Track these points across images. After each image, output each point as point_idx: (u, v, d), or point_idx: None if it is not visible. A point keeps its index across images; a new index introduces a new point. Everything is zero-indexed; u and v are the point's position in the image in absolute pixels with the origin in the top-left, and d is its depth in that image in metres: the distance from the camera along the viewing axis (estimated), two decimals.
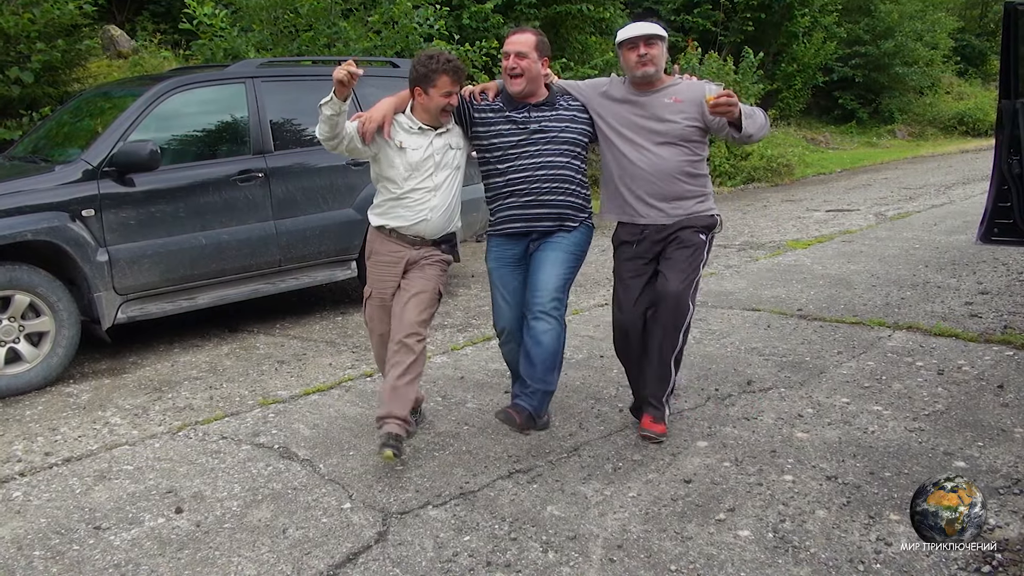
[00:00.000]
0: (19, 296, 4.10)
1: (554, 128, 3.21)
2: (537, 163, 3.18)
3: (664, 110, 3.14)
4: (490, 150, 3.24)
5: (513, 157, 3.20)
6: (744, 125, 3.04)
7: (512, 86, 3.17)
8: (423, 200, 3.13)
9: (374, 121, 3.06)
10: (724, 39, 15.77)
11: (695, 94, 3.14)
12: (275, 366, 4.45)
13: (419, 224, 3.15)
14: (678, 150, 3.15)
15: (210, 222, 4.70)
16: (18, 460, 3.34)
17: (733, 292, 5.70)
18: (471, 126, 3.25)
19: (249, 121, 4.96)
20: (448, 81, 3.03)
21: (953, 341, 4.41)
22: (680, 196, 3.18)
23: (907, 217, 8.62)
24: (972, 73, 23.16)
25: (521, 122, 3.20)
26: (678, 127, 3.13)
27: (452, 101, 3.08)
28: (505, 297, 3.32)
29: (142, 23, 10.47)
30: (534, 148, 3.18)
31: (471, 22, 10.40)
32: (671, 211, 3.18)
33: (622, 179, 3.22)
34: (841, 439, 3.24)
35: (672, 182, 3.16)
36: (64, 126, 5.21)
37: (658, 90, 3.18)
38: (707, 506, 2.76)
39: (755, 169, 12.31)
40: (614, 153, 3.23)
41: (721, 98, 2.91)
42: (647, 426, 3.25)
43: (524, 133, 3.19)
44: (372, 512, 2.79)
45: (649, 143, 3.15)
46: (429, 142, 3.12)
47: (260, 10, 7.89)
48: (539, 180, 3.18)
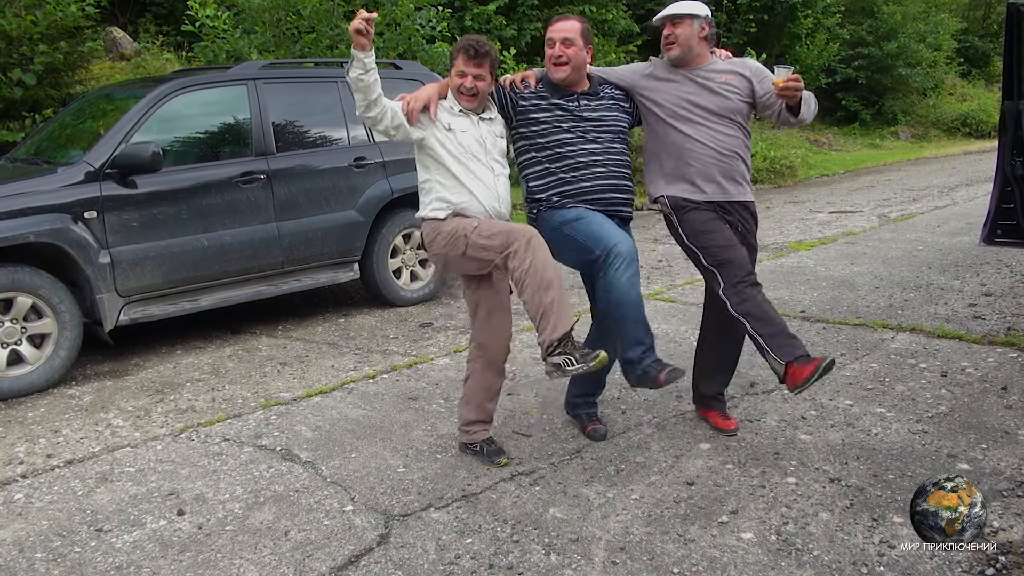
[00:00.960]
0: (21, 298, 4.10)
1: (607, 116, 3.15)
2: (598, 149, 3.09)
3: (717, 85, 3.12)
4: (543, 136, 3.11)
5: (572, 144, 3.08)
6: (801, 111, 3.04)
7: (557, 73, 3.08)
8: (490, 183, 2.98)
9: (419, 100, 2.96)
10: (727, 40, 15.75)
11: (744, 71, 3.15)
12: (277, 368, 4.45)
13: (491, 209, 2.98)
14: (734, 127, 3.14)
15: (212, 224, 4.70)
16: (20, 462, 3.34)
17: None
18: (516, 115, 3.13)
19: (251, 123, 4.97)
20: (463, 60, 2.93)
21: (956, 343, 4.40)
22: (737, 175, 3.16)
23: (910, 219, 8.60)
24: (975, 74, 23.13)
25: (574, 110, 3.11)
26: (733, 104, 3.12)
27: (465, 82, 2.94)
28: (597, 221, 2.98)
29: (144, 25, 10.50)
30: (594, 134, 3.10)
31: (473, 24, 10.41)
32: (734, 189, 3.16)
33: (679, 158, 3.13)
34: (844, 441, 3.23)
35: (731, 159, 3.14)
36: (66, 128, 5.22)
37: (704, 67, 3.15)
38: (710, 508, 2.75)
39: (758, 171, 12.29)
40: (668, 133, 3.15)
41: (790, 82, 2.91)
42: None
43: (577, 120, 3.10)
44: (374, 514, 2.79)
45: (706, 120, 3.11)
46: (475, 125, 3.02)
47: (262, 12, 7.91)
48: (604, 166, 3.09)
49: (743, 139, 3.18)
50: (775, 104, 3.10)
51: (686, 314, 5.19)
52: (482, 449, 3.17)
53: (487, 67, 2.96)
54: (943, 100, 20.83)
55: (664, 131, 3.17)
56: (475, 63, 2.94)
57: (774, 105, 3.11)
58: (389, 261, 5.53)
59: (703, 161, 3.11)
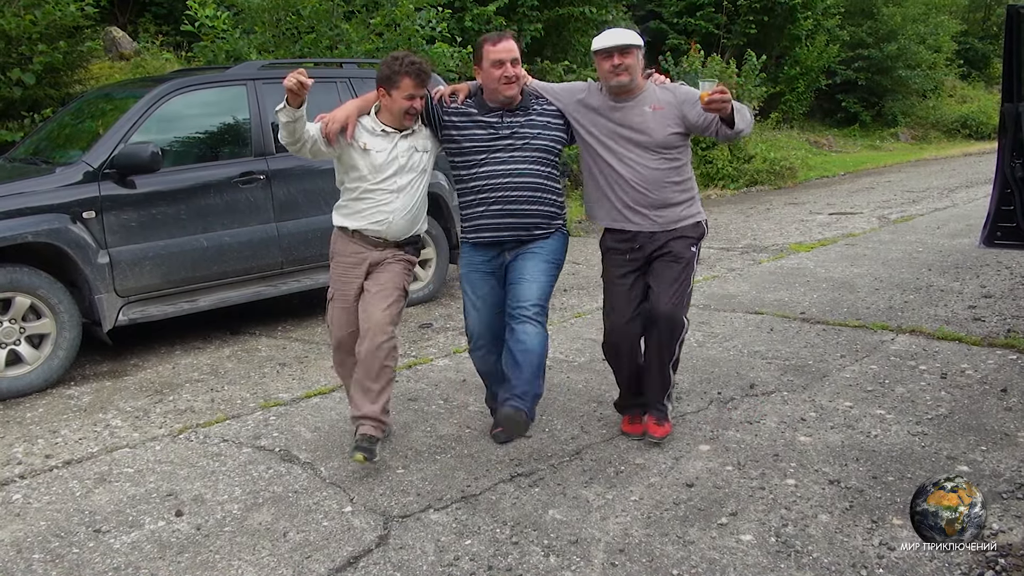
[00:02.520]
0: (20, 298, 4.09)
1: (527, 134, 3.13)
2: (507, 170, 3.10)
3: (645, 119, 3.10)
4: (460, 154, 3.16)
5: (482, 163, 3.12)
6: (736, 121, 3.00)
7: (507, 91, 3.07)
8: (385, 202, 3.10)
9: (337, 122, 3.02)
10: (727, 42, 15.76)
11: (675, 99, 3.12)
12: (276, 369, 4.44)
13: (381, 226, 3.12)
14: (661, 158, 3.11)
15: (211, 224, 4.69)
16: (18, 463, 3.33)
17: (736, 295, 5.69)
18: (441, 129, 3.17)
19: (251, 123, 4.96)
20: (411, 83, 2.98)
21: (956, 345, 4.39)
22: (667, 203, 3.14)
23: (910, 220, 8.60)
24: (975, 76, 23.13)
25: (494, 127, 3.11)
26: (660, 135, 3.09)
27: (415, 104, 3.02)
28: (475, 303, 3.25)
29: (144, 25, 10.49)
30: (505, 155, 3.11)
31: (473, 24, 10.40)
32: (659, 218, 3.15)
33: (608, 187, 3.18)
34: (844, 443, 3.23)
35: (658, 189, 3.12)
36: (65, 128, 5.21)
37: (636, 97, 3.12)
38: (709, 510, 2.75)
39: (758, 172, 12.30)
40: (597, 162, 3.18)
41: (715, 95, 2.86)
42: (652, 430, 3.26)
43: (495, 139, 3.11)
44: (373, 516, 2.78)
45: (632, 153, 3.11)
46: (393, 144, 3.09)
47: (262, 12, 7.89)
48: (508, 188, 3.11)
49: (674, 170, 3.14)
50: (711, 123, 3.05)
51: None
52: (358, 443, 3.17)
53: (427, 87, 3.07)
54: (943, 102, 20.83)
55: (594, 159, 3.20)
56: (423, 85, 3.03)
57: (710, 125, 3.06)
58: None
59: (628, 192, 3.13)
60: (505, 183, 3.11)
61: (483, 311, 3.25)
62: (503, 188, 3.11)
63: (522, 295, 3.13)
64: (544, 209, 3.17)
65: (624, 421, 3.43)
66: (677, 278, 3.15)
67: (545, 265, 3.18)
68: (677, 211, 3.16)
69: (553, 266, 3.21)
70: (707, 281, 6.13)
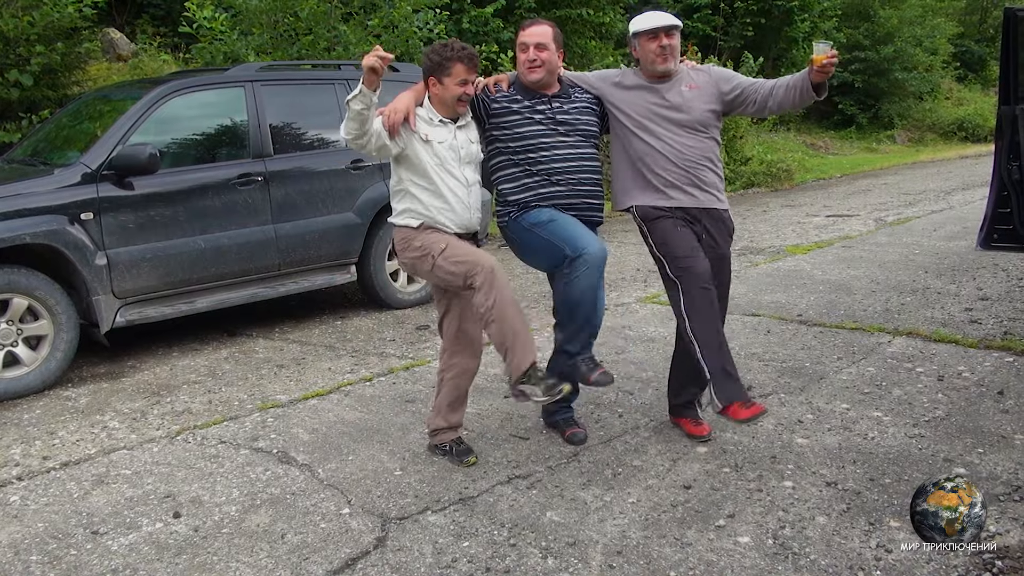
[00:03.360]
0: (17, 299, 4.09)
1: (581, 120, 3.16)
2: (574, 154, 3.11)
3: (683, 98, 3.12)
4: (517, 139, 3.11)
5: (547, 147, 3.09)
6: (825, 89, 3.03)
7: (531, 75, 3.09)
8: (464, 195, 3.03)
9: (399, 112, 2.95)
10: (724, 44, 15.80)
11: (709, 78, 3.17)
12: (274, 370, 4.44)
13: (464, 221, 3.05)
14: (700, 137, 3.14)
15: (209, 226, 4.69)
16: (16, 464, 3.32)
17: (733, 297, 5.64)
18: (489, 117, 3.13)
19: (249, 125, 4.96)
20: (463, 69, 2.95)
21: (953, 347, 4.41)
22: (705, 184, 3.15)
23: (907, 223, 8.62)
24: (972, 79, 23.21)
25: (547, 111, 3.12)
26: (698, 113, 3.12)
27: (468, 90, 2.98)
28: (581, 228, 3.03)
29: (142, 26, 10.49)
30: (568, 139, 3.12)
31: (471, 26, 10.42)
32: (702, 196, 3.15)
33: (645, 167, 3.15)
34: (841, 445, 3.24)
35: (697, 169, 3.14)
36: (63, 129, 5.21)
37: (672, 79, 3.15)
38: (707, 512, 2.75)
39: (755, 174, 12.33)
40: (634, 143, 3.17)
41: (830, 60, 2.91)
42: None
43: (551, 122, 3.11)
44: (371, 517, 2.78)
45: (671, 132, 3.12)
46: (453, 135, 3.03)
47: (260, 14, 7.89)
48: (579, 171, 3.12)
49: (710, 148, 3.17)
50: (751, 95, 3.10)
51: None
52: (451, 448, 3.19)
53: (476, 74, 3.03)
54: (939, 104, 20.89)
55: (629, 141, 3.19)
56: (475, 70, 2.99)
57: (749, 96, 3.11)
58: (386, 263, 5.52)
59: (668, 170, 3.12)
60: (573, 166, 3.11)
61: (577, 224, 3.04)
62: (571, 171, 3.10)
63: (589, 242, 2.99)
64: (600, 191, 3.21)
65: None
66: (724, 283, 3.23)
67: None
68: (713, 195, 3.18)
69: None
70: None
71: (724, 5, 15.69)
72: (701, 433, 3.34)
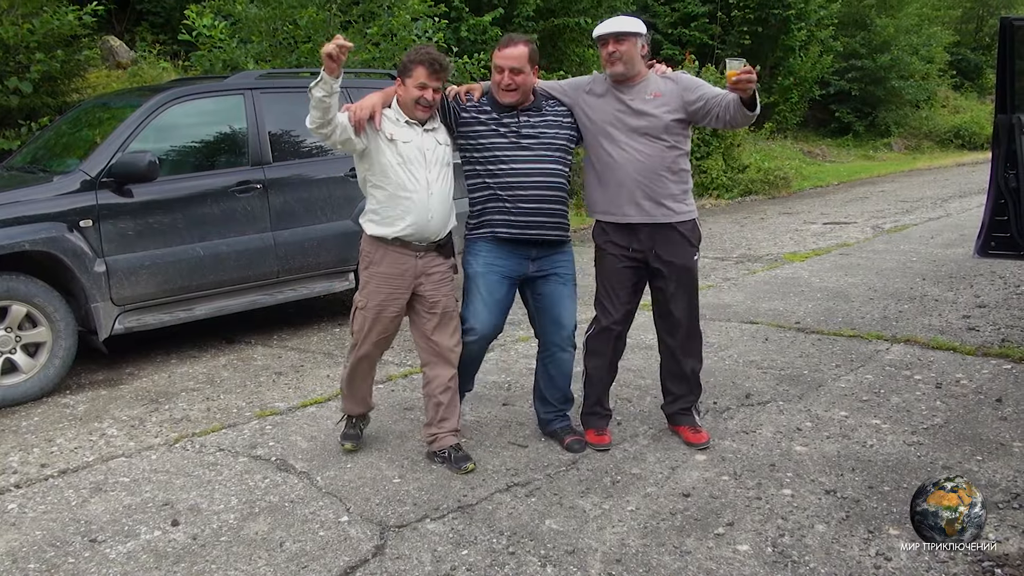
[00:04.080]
0: (16, 306, 4.08)
1: (546, 134, 3.18)
2: (534, 169, 3.14)
3: (644, 104, 3.13)
4: (479, 151, 3.17)
5: (508, 161, 3.14)
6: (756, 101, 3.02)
7: (505, 99, 3.14)
8: (422, 199, 3.06)
9: (365, 109, 3.02)
10: (721, 53, 15.85)
11: (676, 86, 3.16)
12: (273, 378, 4.43)
13: (423, 226, 3.08)
14: (660, 144, 3.13)
15: (208, 233, 4.69)
16: (14, 472, 3.32)
17: (731, 305, 5.71)
18: (457, 126, 3.20)
19: (248, 132, 4.97)
20: (424, 72, 2.99)
21: (951, 355, 4.41)
22: (664, 195, 3.15)
23: (904, 230, 8.65)
24: (968, 87, 23.32)
25: (512, 126, 3.15)
26: (659, 121, 3.12)
27: (426, 95, 3.01)
28: (488, 304, 3.21)
29: (141, 34, 10.51)
30: (530, 154, 3.14)
31: (469, 34, 10.45)
32: (655, 211, 3.16)
33: (605, 176, 3.20)
34: (840, 453, 3.24)
35: (654, 178, 3.13)
36: (63, 136, 5.22)
37: (637, 85, 3.16)
38: (706, 520, 2.75)
39: (752, 182, 12.36)
40: (597, 151, 3.21)
41: (743, 74, 2.89)
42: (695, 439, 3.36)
43: (515, 137, 3.15)
44: (369, 525, 2.78)
45: (630, 139, 3.13)
46: (419, 136, 3.08)
47: (259, 22, 7.92)
48: (539, 187, 3.14)
49: (671, 158, 3.16)
50: (713, 109, 3.08)
51: None
52: (449, 455, 3.20)
53: (444, 80, 3.07)
54: (936, 112, 20.98)
55: (594, 148, 3.23)
56: (437, 77, 3.02)
57: (712, 110, 3.09)
58: None
59: (623, 180, 3.14)
60: (531, 182, 3.14)
61: (495, 313, 3.24)
62: (534, 187, 3.14)
63: (564, 322, 3.30)
64: (563, 208, 3.24)
65: (590, 434, 3.41)
66: (689, 290, 3.30)
67: (571, 288, 3.33)
68: (673, 206, 3.17)
69: (575, 287, 3.36)
70: (702, 291, 6.11)
71: (721, 14, 15.76)
72: (699, 440, 3.34)
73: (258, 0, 7.99)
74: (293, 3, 7.68)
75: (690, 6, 15.72)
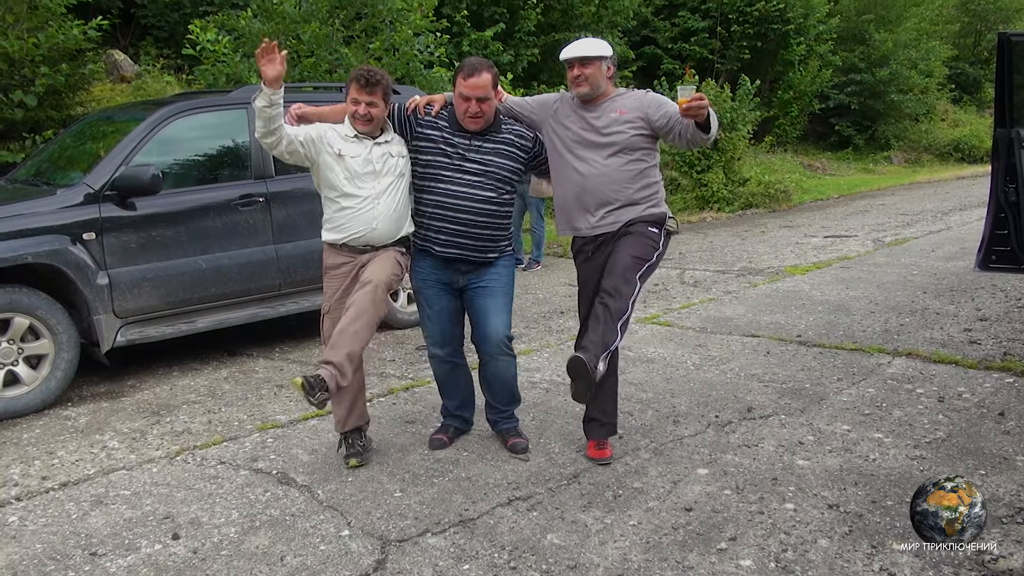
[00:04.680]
0: (19, 318, 4.09)
1: (492, 162, 3.23)
2: (468, 194, 3.21)
3: (609, 123, 3.17)
4: (422, 167, 3.27)
5: (445, 182, 3.22)
6: (711, 125, 3.06)
7: (471, 126, 3.20)
8: (366, 208, 3.20)
9: (302, 108, 3.23)
10: (721, 67, 15.95)
11: (640, 103, 3.19)
12: (274, 390, 4.43)
13: (367, 234, 3.22)
14: (625, 159, 3.16)
15: (210, 246, 4.71)
16: (15, 484, 3.31)
17: (732, 318, 5.71)
18: (411, 139, 3.28)
19: (251, 146, 4.99)
20: (355, 88, 3.14)
21: (953, 368, 4.41)
22: (629, 202, 3.17)
23: (905, 243, 8.66)
24: (967, 100, 23.42)
25: (460, 149, 3.22)
26: (623, 137, 3.15)
27: (359, 109, 3.15)
28: (430, 315, 3.40)
29: (145, 48, 10.59)
30: (470, 178, 3.21)
31: (471, 49, 10.52)
32: (620, 217, 3.17)
33: (571, 192, 3.23)
34: (842, 467, 3.23)
35: (620, 189, 3.16)
36: (67, 150, 5.24)
37: (602, 104, 3.21)
38: (708, 535, 2.74)
39: (753, 195, 12.39)
40: (563, 168, 3.25)
41: (693, 101, 2.93)
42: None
43: (460, 160, 3.21)
44: (371, 539, 2.77)
45: (596, 155, 3.17)
46: (368, 150, 3.21)
47: (262, 36, 7.97)
48: (469, 212, 3.22)
49: (638, 167, 3.18)
50: (676, 127, 3.11)
51: (682, 338, 5.20)
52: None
53: (380, 95, 3.16)
54: (935, 126, 21.06)
55: (558, 163, 3.28)
56: (367, 91, 3.14)
57: (675, 128, 3.11)
58: None
59: (589, 197, 3.18)
60: (463, 206, 3.22)
61: (440, 322, 3.41)
62: (460, 211, 3.22)
63: (491, 331, 3.33)
64: (495, 233, 3.30)
65: (590, 446, 3.40)
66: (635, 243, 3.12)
67: (503, 298, 3.36)
68: (639, 208, 3.19)
69: (508, 294, 3.39)
70: (703, 304, 6.15)
71: (721, 29, 15.87)
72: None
73: (261, 15, 8.06)
74: (296, 18, 7.74)
75: (690, 21, 15.83)
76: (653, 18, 15.72)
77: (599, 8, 11.90)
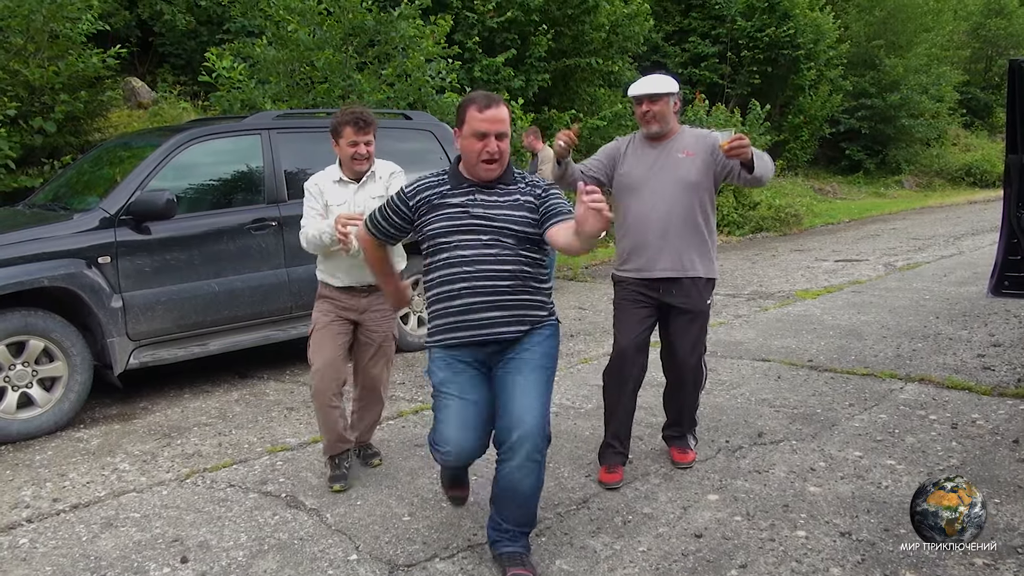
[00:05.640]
0: (34, 341, 4.14)
1: (500, 215, 2.55)
2: (481, 255, 2.53)
3: (677, 163, 3.25)
4: (425, 240, 2.62)
5: (453, 246, 2.54)
6: (756, 166, 3.12)
7: (487, 173, 2.55)
8: (353, 254, 3.19)
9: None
10: (731, 92, 16.04)
11: (705, 144, 3.26)
12: (284, 413, 4.45)
13: (356, 275, 3.30)
14: (691, 201, 3.25)
15: (223, 269, 4.76)
16: (26, 506, 3.33)
17: (743, 342, 5.69)
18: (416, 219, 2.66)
19: (264, 171, 5.06)
20: (351, 131, 3.21)
21: (966, 394, 4.37)
22: (691, 249, 3.26)
23: (917, 268, 8.62)
24: (978, 125, 23.40)
25: (467, 205, 2.56)
26: (689, 179, 3.23)
27: (359, 150, 3.23)
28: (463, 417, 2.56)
29: (163, 75, 10.78)
30: (481, 235, 2.53)
31: (482, 75, 10.64)
32: (681, 266, 3.26)
33: (636, 230, 3.29)
34: (854, 494, 3.20)
35: (685, 234, 3.24)
36: (84, 175, 5.33)
37: (668, 142, 3.29)
38: (718, 562, 2.71)
39: (763, 219, 12.39)
40: (630, 206, 3.31)
41: (735, 142, 3.02)
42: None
43: (465, 218, 2.55)
44: (379, 564, 2.76)
45: (664, 194, 3.24)
46: (353, 194, 3.31)
47: (277, 63, 8.11)
48: (485, 276, 2.53)
49: (701, 210, 3.27)
50: (731, 168, 3.21)
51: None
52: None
53: (372, 132, 3.28)
54: (947, 150, 21.05)
55: (626, 204, 3.33)
56: (364, 132, 3.24)
57: (733, 169, 3.21)
58: None
59: (656, 234, 3.24)
60: (485, 271, 2.53)
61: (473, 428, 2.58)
62: (484, 276, 2.53)
63: (510, 425, 2.50)
64: (516, 299, 2.57)
65: (602, 471, 3.40)
66: (696, 332, 3.37)
67: (534, 376, 2.55)
68: (699, 261, 3.29)
69: (549, 372, 2.62)
70: (713, 328, 6.13)
71: (731, 54, 15.98)
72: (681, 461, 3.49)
73: (276, 43, 8.20)
74: (310, 45, 7.87)
75: (700, 46, 15.96)
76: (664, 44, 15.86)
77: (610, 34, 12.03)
